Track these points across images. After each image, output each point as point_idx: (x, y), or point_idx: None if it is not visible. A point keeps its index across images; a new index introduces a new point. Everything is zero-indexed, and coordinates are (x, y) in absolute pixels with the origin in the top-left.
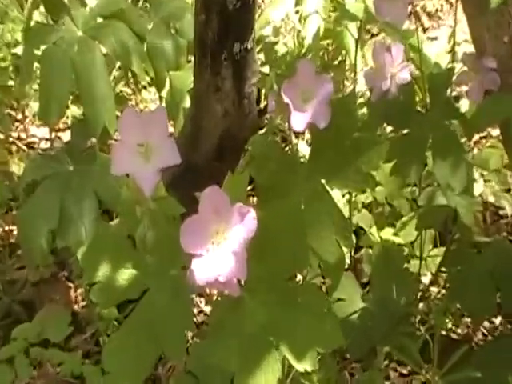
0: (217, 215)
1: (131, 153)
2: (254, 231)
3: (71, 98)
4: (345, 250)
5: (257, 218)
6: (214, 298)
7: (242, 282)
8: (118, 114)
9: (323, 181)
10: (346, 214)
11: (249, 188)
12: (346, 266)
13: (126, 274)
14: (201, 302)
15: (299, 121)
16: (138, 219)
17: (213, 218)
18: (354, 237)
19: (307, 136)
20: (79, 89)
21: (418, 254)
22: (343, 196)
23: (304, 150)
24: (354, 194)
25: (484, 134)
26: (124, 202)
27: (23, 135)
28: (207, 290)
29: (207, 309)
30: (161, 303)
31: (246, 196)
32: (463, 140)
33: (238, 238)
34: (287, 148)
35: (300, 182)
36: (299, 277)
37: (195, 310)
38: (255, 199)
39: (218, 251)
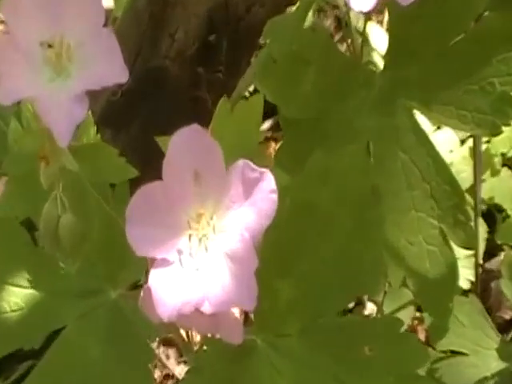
0: (199, 183)
1: (30, 60)
2: (273, 214)
3: None
4: (460, 251)
5: (281, 186)
6: (196, 347)
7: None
8: None
9: (415, 110)
10: (466, 180)
11: (266, 125)
12: (465, 287)
13: (17, 298)
14: (168, 357)
15: None
16: (44, 190)
17: (191, 187)
18: (483, 224)
19: (385, 17)
20: None
21: None
22: (462, 143)
23: (378, 44)
24: (483, 139)
25: None
26: (15, 156)
27: None
28: (181, 332)
29: (181, 370)
30: (89, 358)
31: (260, 142)
32: None
33: (240, 228)
34: (344, 44)
35: (368, 109)
36: (369, 306)
37: (156, 374)
38: (277, 146)
39: (201, 255)
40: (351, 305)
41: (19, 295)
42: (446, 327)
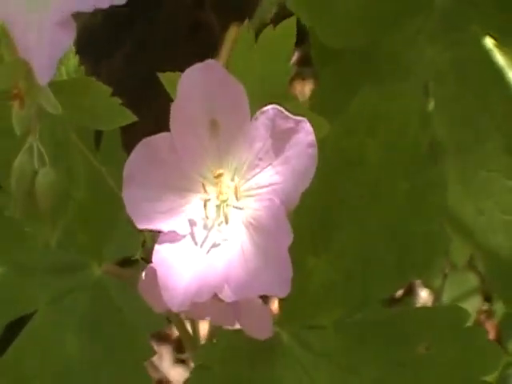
0: (217, 134)
1: None
2: (311, 174)
3: None
4: None
5: (319, 138)
6: (204, 338)
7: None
8: None
9: (489, 41)
10: None
11: (294, 57)
12: None
13: None
14: (161, 357)
15: None
16: (17, 138)
17: (206, 140)
18: None
19: None
20: None
21: None
22: None
23: None
24: None
25: None
26: None
27: None
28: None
29: (177, 374)
30: (65, 354)
31: (291, 79)
32: None
33: (269, 192)
34: None
35: (428, 39)
36: (423, 295)
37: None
38: (305, 87)
39: (220, 226)
40: (399, 293)
41: None
42: None
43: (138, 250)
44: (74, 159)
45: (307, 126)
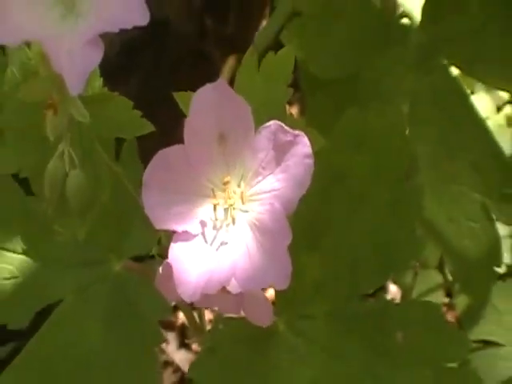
0: (224, 146)
1: None
2: (308, 182)
3: None
4: (504, 229)
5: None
6: (208, 327)
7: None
8: None
9: (454, 70)
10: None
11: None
12: (502, 271)
13: (11, 265)
14: (167, 342)
15: None
16: (47, 146)
17: (215, 151)
18: None
19: None
20: None
21: None
22: (498, 110)
23: None
24: None
25: None
26: (17, 105)
27: None
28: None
29: (181, 357)
30: (87, 339)
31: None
32: None
33: (271, 197)
34: None
35: (403, 68)
36: (392, 290)
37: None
38: (294, 111)
39: (228, 227)
40: None
41: (13, 262)
42: (481, 313)
43: (154, 248)
44: (99, 165)
45: (304, 140)
